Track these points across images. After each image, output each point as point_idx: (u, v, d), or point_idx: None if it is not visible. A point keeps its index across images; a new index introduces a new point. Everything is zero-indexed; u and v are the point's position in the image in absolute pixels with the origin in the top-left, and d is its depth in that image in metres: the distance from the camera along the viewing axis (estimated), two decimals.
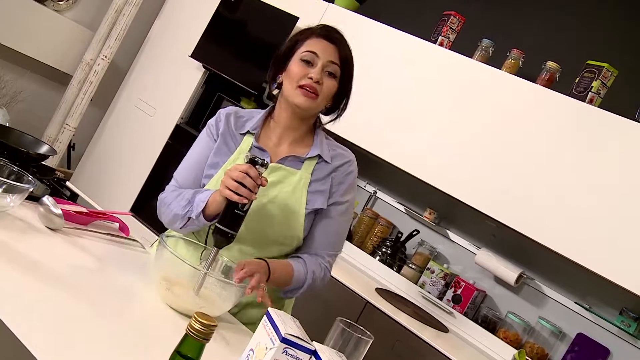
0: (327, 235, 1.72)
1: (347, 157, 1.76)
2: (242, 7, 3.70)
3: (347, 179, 1.73)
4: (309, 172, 1.68)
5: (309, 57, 1.63)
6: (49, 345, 1.00)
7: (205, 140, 1.74)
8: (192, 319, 0.84)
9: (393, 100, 3.17)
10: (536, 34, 3.27)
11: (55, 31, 3.82)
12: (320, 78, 1.62)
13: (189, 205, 1.59)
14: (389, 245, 3.33)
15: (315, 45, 1.64)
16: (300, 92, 1.62)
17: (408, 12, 3.70)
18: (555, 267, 2.92)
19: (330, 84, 1.65)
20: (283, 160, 1.69)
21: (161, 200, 1.71)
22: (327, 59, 1.63)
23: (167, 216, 1.67)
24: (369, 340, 1.18)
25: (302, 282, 1.65)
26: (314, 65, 1.63)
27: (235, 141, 1.71)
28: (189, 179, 1.72)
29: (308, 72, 1.62)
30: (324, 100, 1.66)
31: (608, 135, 2.60)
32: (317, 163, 1.70)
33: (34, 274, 1.22)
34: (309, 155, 1.69)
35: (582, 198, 2.60)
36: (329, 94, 1.66)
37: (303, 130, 1.73)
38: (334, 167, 1.72)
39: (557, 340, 2.84)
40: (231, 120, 1.73)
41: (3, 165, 1.51)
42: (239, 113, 1.76)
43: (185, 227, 1.62)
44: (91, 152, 4.12)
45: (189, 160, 1.75)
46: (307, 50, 1.64)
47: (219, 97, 3.74)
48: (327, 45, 1.65)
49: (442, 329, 2.86)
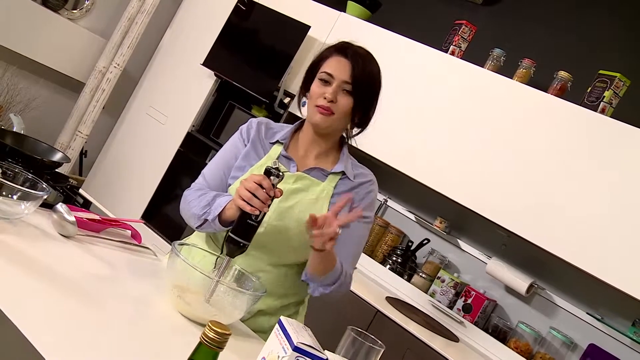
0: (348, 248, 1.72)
1: (369, 177, 1.80)
2: (254, 15, 3.72)
3: (368, 196, 1.77)
4: (332, 185, 1.73)
5: (325, 77, 1.67)
6: (61, 351, 1.01)
7: (235, 143, 1.79)
8: (206, 328, 0.84)
9: (404, 109, 3.18)
10: (547, 43, 3.26)
11: (69, 39, 3.86)
12: (334, 97, 1.66)
13: (208, 207, 1.62)
14: (400, 254, 3.32)
15: (332, 65, 1.68)
16: (317, 110, 1.67)
17: (419, 21, 3.71)
18: (567, 277, 2.90)
19: (345, 101, 1.67)
20: (309, 171, 1.73)
21: (185, 197, 1.74)
22: (342, 79, 1.66)
23: (186, 213, 1.71)
24: (380, 350, 1.18)
25: (337, 277, 1.65)
26: (330, 84, 1.67)
27: (265, 148, 1.76)
28: (216, 177, 1.76)
29: (324, 92, 1.66)
30: (340, 116, 1.69)
31: (620, 145, 2.59)
32: (340, 179, 1.74)
33: (47, 281, 1.23)
34: (333, 170, 1.74)
35: (594, 208, 2.59)
36: (345, 111, 1.68)
37: (328, 146, 1.77)
38: (356, 184, 1.76)
39: (569, 351, 2.82)
40: (262, 128, 1.78)
41: (18, 172, 1.52)
42: (270, 124, 1.81)
43: (201, 228, 1.66)
44: (103, 160, 4.14)
45: (218, 159, 1.79)
46: (324, 71, 1.68)
47: (230, 105, 3.76)
48: (343, 64, 1.67)
49: (452, 338, 2.85)
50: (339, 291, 1.69)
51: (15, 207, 1.41)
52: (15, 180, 1.49)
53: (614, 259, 2.50)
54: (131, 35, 3.92)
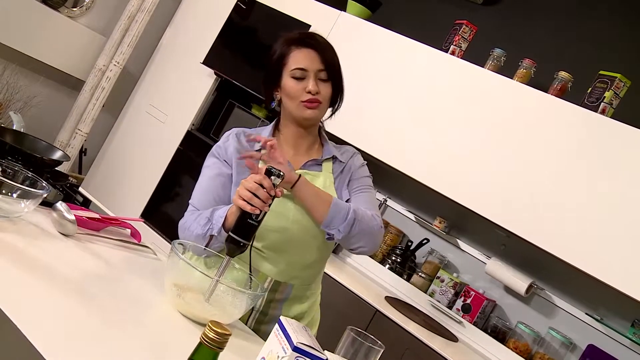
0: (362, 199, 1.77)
1: (351, 150, 1.88)
2: (254, 14, 3.72)
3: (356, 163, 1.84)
4: (330, 171, 1.78)
5: (299, 74, 1.69)
6: (60, 350, 1.01)
7: (214, 163, 1.75)
8: (206, 328, 0.84)
9: (404, 108, 3.18)
10: (548, 43, 3.26)
11: (69, 37, 3.85)
12: (317, 88, 1.69)
13: (209, 223, 1.58)
14: (399, 254, 3.33)
15: (301, 59, 1.69)
16: (304, 105, 1.70)
17: (420, 21, 3.71)
18: (566, 278, 2.90)
19: (325, 88, 1.71)
20: (304, 166, 1.77)
21: (181, 226, 1.67)
22: (316, 69, 1.69)
23: (189, 238, 1.62)
24: (380, 350, 1.18)
25: (346, 213, 1.62)
26: (306, 78, 1.69)
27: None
28: (208, 200, 1.69)
29: (305, 87, 1.68)
30: (325, 104, 1.74)
31: (620, 145, 2.59)
32: (333, 163, 1.80)
33: (46, 279, 1.23)
34: (325, 157, 1.79)
35: (593, 208, 2.59)
36: (328, 98, 1.73)
37: (311, 138, 1.81)
38: (345, 161, 1.83)
39: (568, 352, 2.82)
40: (242, 139, 1.77)
41: (18, 170, 1.52)
42: (246, 132, 1.81)
43: (210, 245, 1.59)
44: (102, 158, 4.14)
45: (203, 184, 1.73)
46: (295, 67, 1.69)
47: (230, 104, 3.76)
48: (311, 54, 1.70)
49: (451, 338, 2.85)
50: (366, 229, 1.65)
51: (15, 205, 1.41)
52: (15, 179, 1.49)
53: (614, 259, 2.50)
54: (131, 34, 3.91)
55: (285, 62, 1.71)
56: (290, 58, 1.70)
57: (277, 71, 1.73)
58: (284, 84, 1.71)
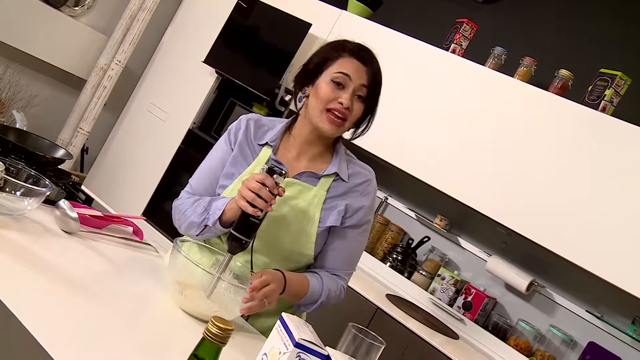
0: (343, 256, 1.70)
1: (366, 176, 1.71)
2: (255, 13, 3.72)
3: (364, 200, 1.68)
4: (325, 189, 1.65)
5: (341, 80, 1.57)
6: (63, 346, 1.01)
7: (222, 148, 1.72)
8: (209, 323, 0.85)
9: (404, 106, 3.18)
10: (549, 41, 3.26)
11: (70, 36, 3.86)
12: (350, 104, 1.57)
13: (205, 213, 1.58)
14: (400, 252, 3.33)
15: (348, 67, 1.58)
16: (327, 117, 1.58)
17: (421, 19, 3.71)
18: (567, 275, 2.91)
19: (358, 108, 1.60)
20: (299, 175, 1.65)
21: (176, 207, 1.70)
22: (359, 83, 1.57)
23: (182, 223, 1.66)
24: (381, 346, 1.18)
25: (317, 299, 1.65)
26: (345, 88, 1.57)
27: (253, 151, 1.68)
28: (204, 185, 1.71)
29: (338, 96, 1.56)
30: (349, 125, 1.63)
31: (621, 143, 2.59)
32: (333, 181, 1.66)
33: (49, 276, 1.24)
34: (325, 173, 1.65)
35: (593, 206, 2.60)
36: (355, 119, 1.62)
37: (323, 146, 1.68)
38: (351, 186, 1.67)
39: (568, 349, 2.83)
40: (251, 128, 1.69)
41: (21, 169, 1.53)
42: (261, 121, 1.71)
43: (202, 235, 1.62)
44: (104, 156, 4.15)
45: (204, 167, 1.74)
46: (340, 71, 1.57)
47: (231, 103, 3.77)
48: (360, 67, 1.58)
49: (452, 335, 2.86)
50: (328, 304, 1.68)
51: (18, 203, 1.42)
52: (18, 177, 1.49)
53: (614, 257, 2.50)
54: (132, 33, 3.92)
55: (331, 64, 1.59)
56: (337, 61, 1.58)
57: (318, 68, 1.61)
58: (319, 84, 1.59)
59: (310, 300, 1.65)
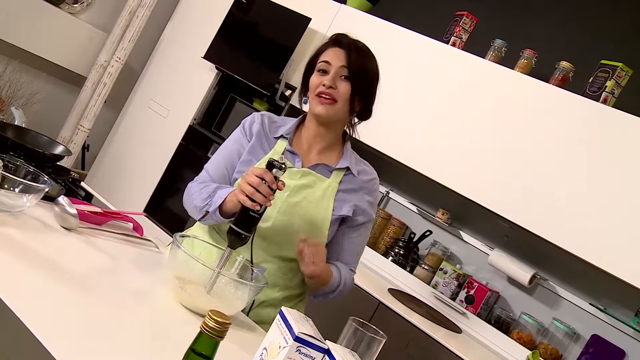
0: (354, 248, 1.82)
1: (372, 174, 1.83)
2: (255, 8, 3.71)
3: (370, 198, 1.80)
4: (337, 181, 1.74)
5: (323, 67, 1.69)
6: (63, 342, 1.01)
7: (238, 139, 1.79)
8: (206, 317, 0.84)
9: (405, 100, 3.17)
10: (549, 33, 3.25)
11: (70, 33, 3.86)
12: (333, 83, 1.67)
13: (209, 199, 1.63)
14: (402, 246, 3.33)
15: (328, 54, 1.70)
16: (318, 100, 1.68)
17: (420, 13, 3.70)
18: (569, 268, 2.90)
19: (344, 86, 1.68)
20: (314, 167, 1.74)
21: (188, 189, 1.76)
22: (339, 65, 1.68)
23: (189, 205, 1.73)
24: (382, 340, 1.18)
25: (336, 287, 1.72)
26: (328, 73, 1.68)
27: (270, 143, 1.76)
28: (220, 173, 1.76)
29: (322, 81, 1.68)
30: (342, 105, 1.69)
31: (622, 135, 2.58)
32: (344, 174, 1.76)
33: (49, 273, 1.24)
34: (338, 166, 1.75)
35: (596, 198, 2.59)
36: (345, 97, 1.69)
37: (331, 139, 1.77)
38: (361, 183, 1.78)
39: (572, 342, 2.82)
40: (266, 123, 1.78)
41: (20, 165, 1.53)
42: (273, 118, 1.82)
43: (204, 220, 1.67)
44: (105, 153, 4.15)
45: (221, 155, 1.80)
46: (322, 60, 1.70)
47: (231, 98, 3.76)
48: (337, 51, 1.70)
49: (455, 329, 2.85)
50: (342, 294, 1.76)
51: (17, 199, 1.41)
52: (17, 173, 1.49)
53: (617, 249, 2.50)
54: (132, 29, 3.91)
55: (317, 59, 1.73)
56: (321, 55, 1.72)
57: (310, 68, 1.75)
58: (311, 79, 1.72)
59: (331, 288, 1.72)
